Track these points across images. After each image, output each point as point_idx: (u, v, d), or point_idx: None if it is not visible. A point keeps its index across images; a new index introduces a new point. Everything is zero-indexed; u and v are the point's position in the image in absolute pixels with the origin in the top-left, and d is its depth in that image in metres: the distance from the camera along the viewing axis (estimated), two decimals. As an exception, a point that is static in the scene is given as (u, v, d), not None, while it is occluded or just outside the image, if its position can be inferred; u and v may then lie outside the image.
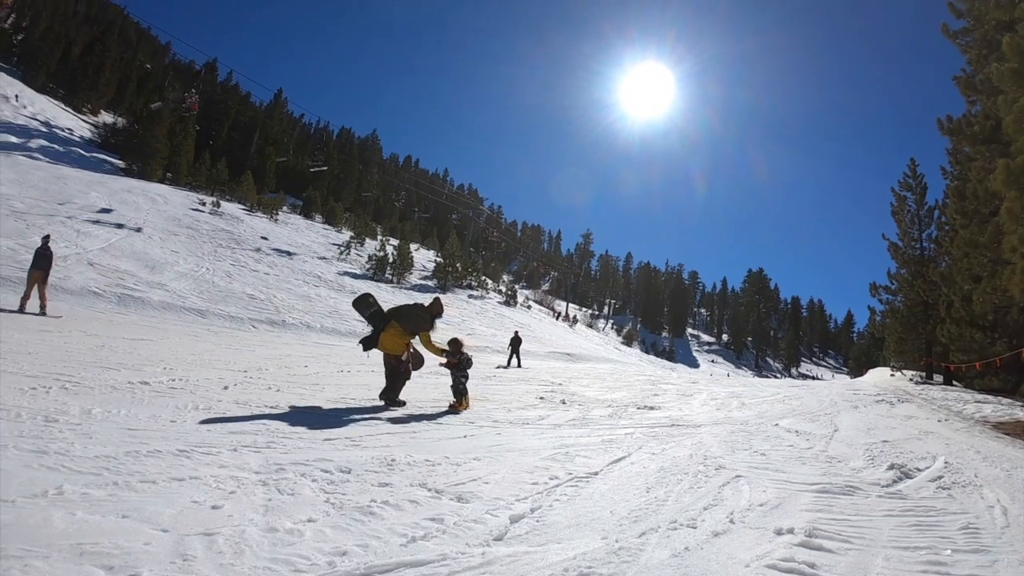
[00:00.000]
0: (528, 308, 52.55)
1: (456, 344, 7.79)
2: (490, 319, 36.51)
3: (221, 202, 39.32)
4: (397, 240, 48.74)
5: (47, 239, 13.27)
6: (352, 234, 45.19)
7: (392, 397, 7.16)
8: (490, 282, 54.12)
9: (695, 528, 3.47)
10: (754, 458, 5.73)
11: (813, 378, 75.49)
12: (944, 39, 17.25)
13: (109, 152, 46.11)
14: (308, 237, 42.61)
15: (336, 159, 74.75)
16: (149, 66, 70.52)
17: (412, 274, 42.55)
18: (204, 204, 37.44)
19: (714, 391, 13.16)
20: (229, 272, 25.11)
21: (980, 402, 13.21)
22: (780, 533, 3.45)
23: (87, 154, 43.16)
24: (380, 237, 51.43)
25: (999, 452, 7.34)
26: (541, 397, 9.62)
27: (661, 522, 3.53)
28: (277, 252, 32.97)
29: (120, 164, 43.72)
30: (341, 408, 6.59)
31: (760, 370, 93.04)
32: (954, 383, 19.57)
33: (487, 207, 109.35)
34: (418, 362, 7.76)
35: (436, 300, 7.86)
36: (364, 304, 7.62)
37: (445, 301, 8.31)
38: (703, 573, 2.80)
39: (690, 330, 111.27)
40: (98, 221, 25.39)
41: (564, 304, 78.50)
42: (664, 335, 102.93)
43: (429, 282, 42.65)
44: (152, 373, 7.14)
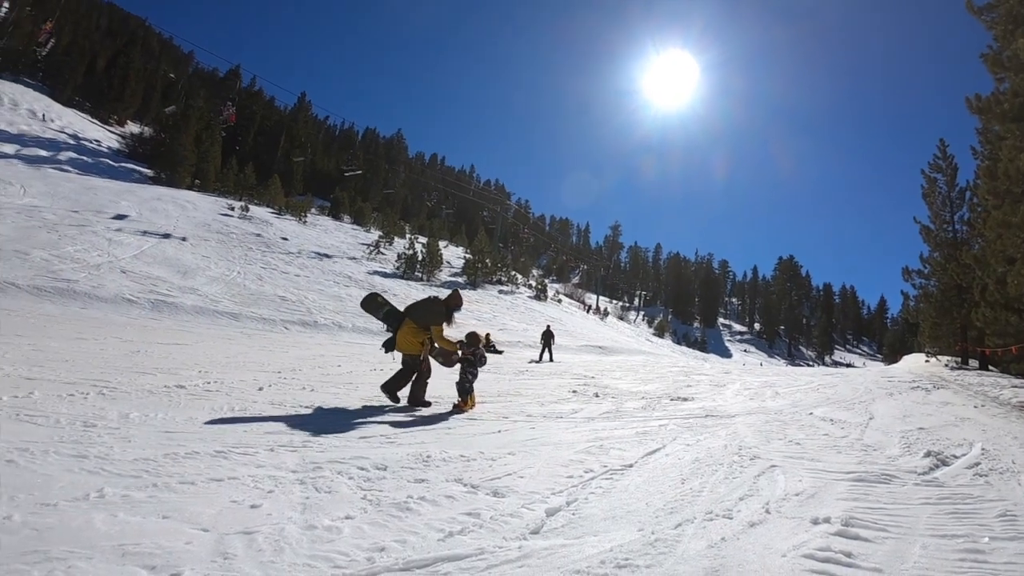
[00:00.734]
0: (559, 302, 52.24)
1: (474, 338, 7.30)
2: (521, 314, 36.51)
3: (250, 206, 39.76)
4: (426, 238, 48.80)
5: None
6: (381, 233, 45.39)
7: (418, 397, 6.90)
8: (520, 277, 54.00)
9: (731, 519, 3.44)
10: (789, 448, 5.66)
11: (847, 366, 74.25)
12: (969, 15, 16.79)
13: (137, 161, 46.87)
14: (337, 238, 42.95)
15: (362, 159, 75.26)
16: (173, 75, 71.56)
17: (442, 271, 42.60)
18: (233, 209, 37.88)
19: (747, 381, 13.05)
20: (260, 275, 25.46)
21: (1017, 387, 12.88)
22: (816, 522, 3.40)
23: (116, 164, 43.93)
24: (409, 235, 51.43)
25: (1039, 437, 7.16)
26: (574, 391, 9.63)
27: (697, 513, 3.51)
28: (307, 254, 33.32)
29: (148, 173, 44.40)
30: (375, 406, 6.65)
31: (793, 359, 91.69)
32: (990, 368, 19.12)
33: (514, 202, 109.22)
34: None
35: (454, 292, 7.58)
36: (373, 305, 7.38)
37: (465, 295, 8.06)
38: (740, 563, 2.77)
39: (721, 320, 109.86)
40: (130, 230, 25.87)
41: (594, 297, 77.97)
42: (695, 325, 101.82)
43: (459, 279, 42.68)
44: (187, 377, 7.27)
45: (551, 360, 18.56)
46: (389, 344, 7.15)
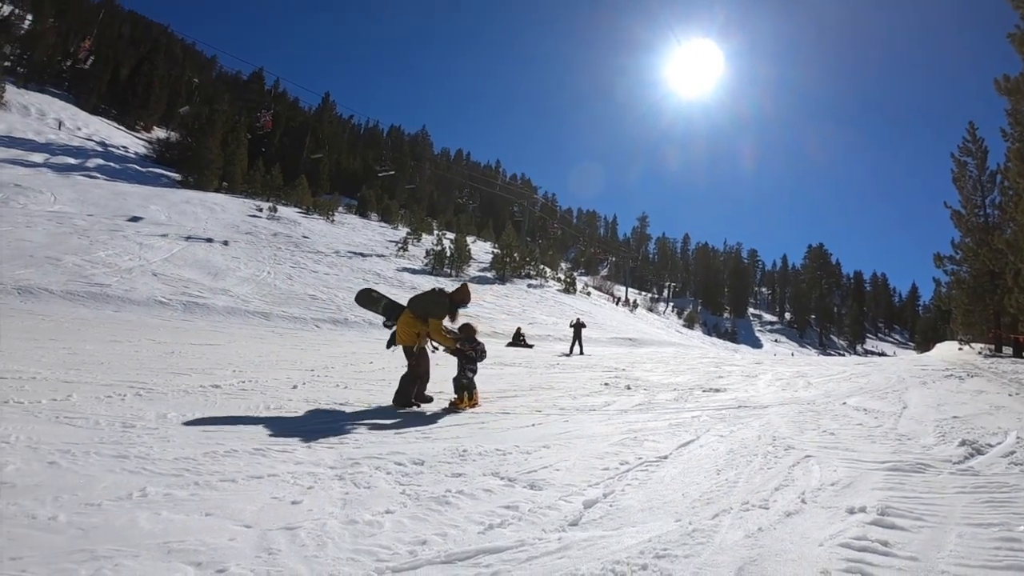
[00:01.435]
0: (588, 295, 52.17)
1: (469, 331, 6.80)
2: (550, 307, 36.57)
3: (277, 207, 40.31)
4: (453, 234, 48.92)
5: None
6: (408, 230, 45.66)
7: (419, 395, 6.51)
8: (548, 270, 54.01)
9: (767, 509, 3.42)
10: (823, 437, 5.60)
11: (879, 354, 72.99)
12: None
13: (164, 166, 47.74)
14: (365, 236, 43.36)
15: (388, 157, 75.76)
16: (197, 80, 72.68)
17: (470, 266, 42.80)
18: (261, 210, 38.45)
19: (779, 371, 12.93)
20: (290, 274, 25.84)
21: (1052, 374, 12.59)
22: (852, 512, 3.37)
23: (143, 169, 44.79)
24: (436, 232, 51.78)
25: (1077, 425, 7.00)
26: (606, 383, 9.61)
27: (733, 503, 3.49)
28: (336, 252, 33.67)
29: (176, 177, 45.21)
30: (408, 403, 6.67)
31: (824, 348, 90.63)
32: None
33: (541, 196, 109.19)
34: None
35: (463, 286, 6.98)
36: (367, 299, 7.04)
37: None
38: (777, 553, 2.76)
39: (752, 310, 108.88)
40: (160, 233, 26.34)
41: (623, 289, 77.90)
42: (725, 316, 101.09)
43: (488, 273, 42.87)
44: (222, 376, 7.40)
45: (581, 353, 18.54)
46: (391, 340, 6.71)
